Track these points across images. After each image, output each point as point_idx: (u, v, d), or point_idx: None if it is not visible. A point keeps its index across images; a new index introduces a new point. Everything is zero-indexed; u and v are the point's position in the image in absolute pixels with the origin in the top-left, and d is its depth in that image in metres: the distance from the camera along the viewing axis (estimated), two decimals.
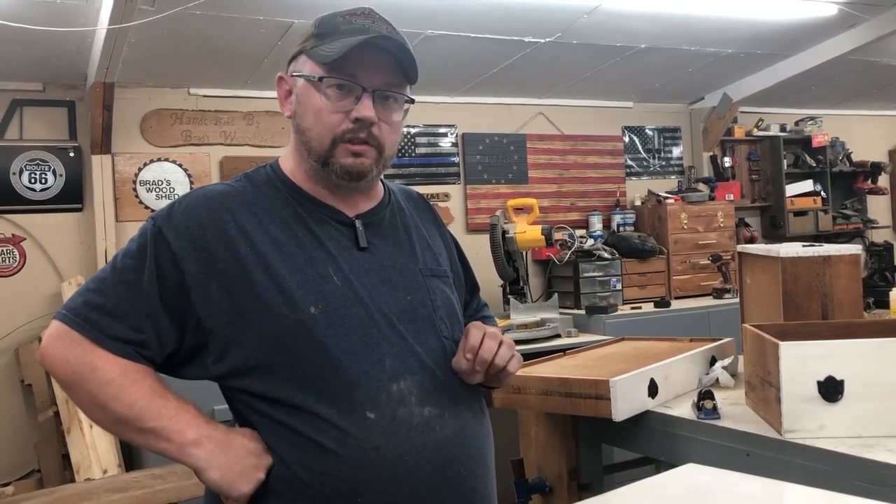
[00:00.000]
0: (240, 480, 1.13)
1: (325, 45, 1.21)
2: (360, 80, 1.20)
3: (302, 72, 1.24)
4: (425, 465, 1.17)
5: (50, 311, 3.98)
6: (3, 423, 3.91)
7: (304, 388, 1.15)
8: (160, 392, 1.16)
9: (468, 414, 1.25)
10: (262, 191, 1.26)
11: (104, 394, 1.14)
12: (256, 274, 1.16)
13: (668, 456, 1.91)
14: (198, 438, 1.14)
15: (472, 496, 1.23)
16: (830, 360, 1.56)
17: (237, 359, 1.17)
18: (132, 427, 1.15)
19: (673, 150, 5.91)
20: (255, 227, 1.20)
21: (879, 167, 6.44)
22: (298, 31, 3.63)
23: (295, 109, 1.26)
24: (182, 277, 1.16)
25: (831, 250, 2.12)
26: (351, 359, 1.16)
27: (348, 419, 1.14)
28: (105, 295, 1.17)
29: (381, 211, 1.32)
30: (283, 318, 1.15)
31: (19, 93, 4.03)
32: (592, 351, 2.58)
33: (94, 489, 2.65)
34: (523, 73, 4.64)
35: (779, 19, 4.26)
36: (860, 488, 1.39)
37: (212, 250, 1.17)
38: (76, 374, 1.15)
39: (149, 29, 3.25)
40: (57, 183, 4.08)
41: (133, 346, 1.16)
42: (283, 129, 4.60)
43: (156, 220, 1.20)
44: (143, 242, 1.19)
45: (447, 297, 1.31)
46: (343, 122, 1.20)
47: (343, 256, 1.22)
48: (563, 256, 4.88)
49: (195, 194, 1.24)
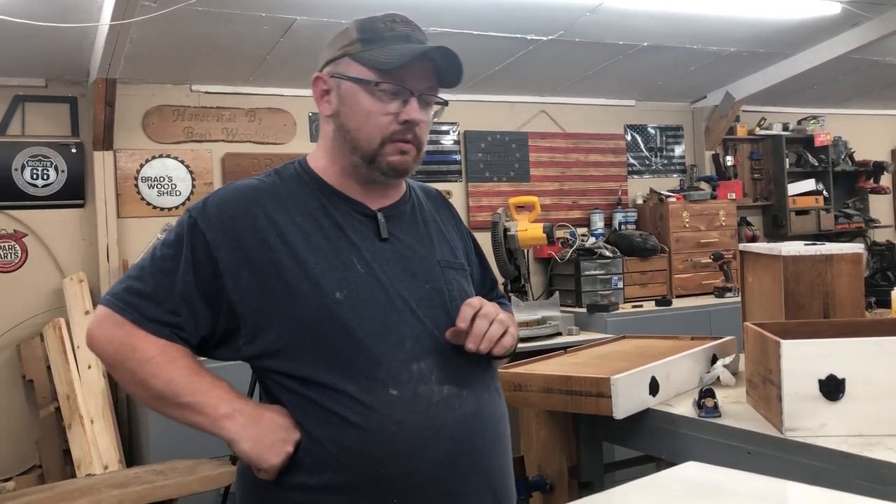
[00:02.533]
0: (269, 452, 1.20)
1: (375, 51, 1.28)
2: (408, 84, 1.29)
3: (348, 74, 1.30)
4: (444, 440, 1.23)
5: (51, 308, 3.99)
6: (5, 419, 3.92)
7: (331, 368, 1.22)
8: (195, 370, 1.25)
9: (485, 394, 1.32)
10: (291, 185, 1.33)
11: (144, 371, 1.23)
12: (285, 261, 1.24)
13: (668, 454, 1.91)
14: (230, 412, 1.22)
15: (488, 472, 1.29)
16: (832, 358, 1.56)
17: (267, 341, 1.24)
18: (169, 402, 1.23)
19: (675, 148, 5.91)
20: (284, 218, 1.27)
21: (882, 166, 6.43)
22: (300, 27, 3.64)
23: (338, 109, 1.32)
24: (216, 265, 1.25)
25: (833, 249, 2.12)
26: (373, 340, 1.23)
27: (372, 395, 1.21)
28: (144, 281, 1.26)
29: (402, 205, 1.40)
30: (310, 303, 1.23)
31: (22, 88, 4.03)
32: (593, 349, 2.58)
33: (94, 485, 2.65)
34: (526, 71, 4.64)
35: (782, 18, 4.25)
36: (861, 487, 1.39)
37: (243, 240, 1.25)
38: (119, 354, 1.24)
39: (151, 25, 3.25)
40: (59, 179, 4.08)
41: (171, 328, 1.24)
42: (285, 125, 4.60)
43: (191, 213, 1.29)
44: (180, 233, 1.27)
45: (463, 288, 1.39)
46: (392, 124, 1.29)
47: (366, 246, 1.29)
48: (565, 254, 4.88)
49: (228, 188, 1.32)
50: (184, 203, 4.32)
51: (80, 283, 3.93)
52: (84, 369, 3.73)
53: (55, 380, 3.76)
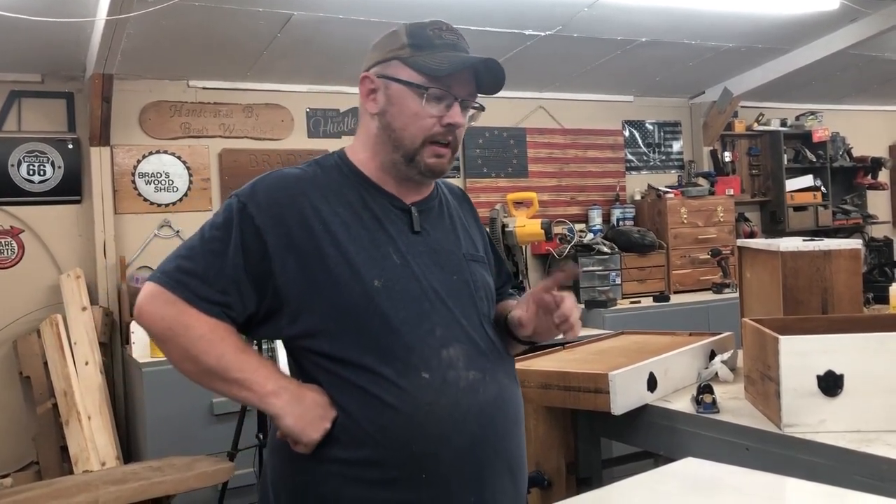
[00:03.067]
0: (310, 428, 1.29)
1: (426, 58, 1.37)
2: (453, 90, 1.38)
3: (398, 77, 1.38)
4: (470, 422, 1.32)
5: (48, 304, 3.98)
6: (2, 416, 3.91)
7: (368, 351, 1.30)
8: (243, 348, 1.33)
9: (505, 380, 1.41)
10: (331, 176, 1.41)
11: (196, 348, 1.30)
12: (328, 249, 1.32)
13: (666, 450, 1.90)
14: (276, 389, 1.30)
15: (506, 454, 1.38)
16: (830, 354, 1.56)
17: (308, 323, 1.32)
18: (219, 377, 1.31)
19: (673, 144, 5.90)
20: (326, 208, 1.35)
21: (880, 162, 6.43)
22: (297, 22, 3.62)
23: (385, 109, 1.40)
24: (265, 249, 1.31)
25: (832, 245, 2.12)
26: (407, 327, 1.32)
27: (406, 378, 1.29)
28: (195, 261, 1.32)
29: (431, 201, 1.48)
30: (351, 290, 1.31)
31: (18, 84, 4.02)
32: (591, 345, 2.58)
33: (92, 481, 2.64)
34: (524, 67, 4.63)
35: (780, 13, 4.25)
36: (859, 483, 1.38)
37: (290, 226, 1.32)
38: (170, 330, 1.31)
39: (148, 20, 3.24)
40: (55, 175, 4.07)
41: (220, 307, 1.31)
42: (282, 121, 4.59)
43: (240, 197, 1.35)
44: (229, 216, 1.34)
45: (485, 280, 1.48)
46: (435, 126, 1.37)
47: (401, 238, 1.38)
48: (563, 250, 4.88)
49: (274, 176, 1.39)
50: (181, 199, 4.31)
51: (76, 280, 3.92)
52: (81, 365, 3.72)
53: (52, 376, 3.75)
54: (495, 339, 1.43)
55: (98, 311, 3.95)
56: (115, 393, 3.99)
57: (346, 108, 4.78)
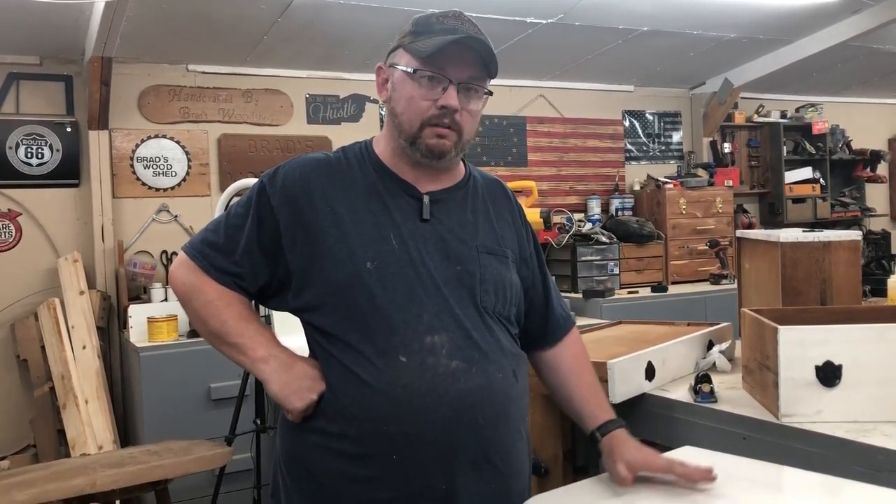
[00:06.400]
0: (293, 397, 1.37)
1: (420, 42, 1.41)
2: (448, 73, 1.40)
3: (399, 63, 1.44)
4: (445, 407, 1.33)
5: (46, 287, 3.98)
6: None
7: (354, 329, 1.36)
8: (246, 315, 1.44)
9: (498, 374, 1.41)
10: (352, 162, 1.48)
11: (205, 311, 1.44)
12: (331, 229, 1.40)
13: (664, 439, 1.91)
14: (266, 356, 1.41)
15: (486, 444, 1.37)
16: (829, 345, 1.56)
17: (309, 296, 1.41)
18: (222, 340, 1.44)
19: (673, 135, 5.90)
20: (338, 192, 1.43)
21: (879, 155, 6.44)
22: (298, 7, 3.61)
23: (391, 95, 1.46)
24: (277, 226, 1.42)
25: (831, 236, 2.12)
26: (393, 309, 1.35)
27: (383, 359, 1.34)
28: (218, 234, 1.46)
29: (454, 191, 1.51)
30: (344, 268, 1.37)
31: (16, 66, 4.00)
32: (590, 334, 2.58)
33: (89, 464, 2.64)
34: (524, 55, 4.61)
35: (782, 4, 4.23)
36: (857, 473, 1.39)
37: (301, 206, 1.41)
38: (189, 294, 1.46)
39: (147, 3, 3.22)
40: (53, 158, 4.05)
41: (232, 277, 1.43)
42: (282, 107, 4.58)
43: (262, 179, 1.47)
44: (251, 195, 1.46)
45: (500, 274, 1.47)
46: (430, 109, 1.40)
47: (406, 225, 1.42)
48: (561, 240, 4.88)
49: (298, 159, 1.49)
50: (179, 184, 4.29)
51: (74, 263, 3.92)
52: (79, 349, 3.72)
53: (49, 360, 3.75)
54: (501, 334, 1.44)
55: (96, 295, 3.95)
56: (112, 377, 3.99)
57: (346, 94, 4.77)
